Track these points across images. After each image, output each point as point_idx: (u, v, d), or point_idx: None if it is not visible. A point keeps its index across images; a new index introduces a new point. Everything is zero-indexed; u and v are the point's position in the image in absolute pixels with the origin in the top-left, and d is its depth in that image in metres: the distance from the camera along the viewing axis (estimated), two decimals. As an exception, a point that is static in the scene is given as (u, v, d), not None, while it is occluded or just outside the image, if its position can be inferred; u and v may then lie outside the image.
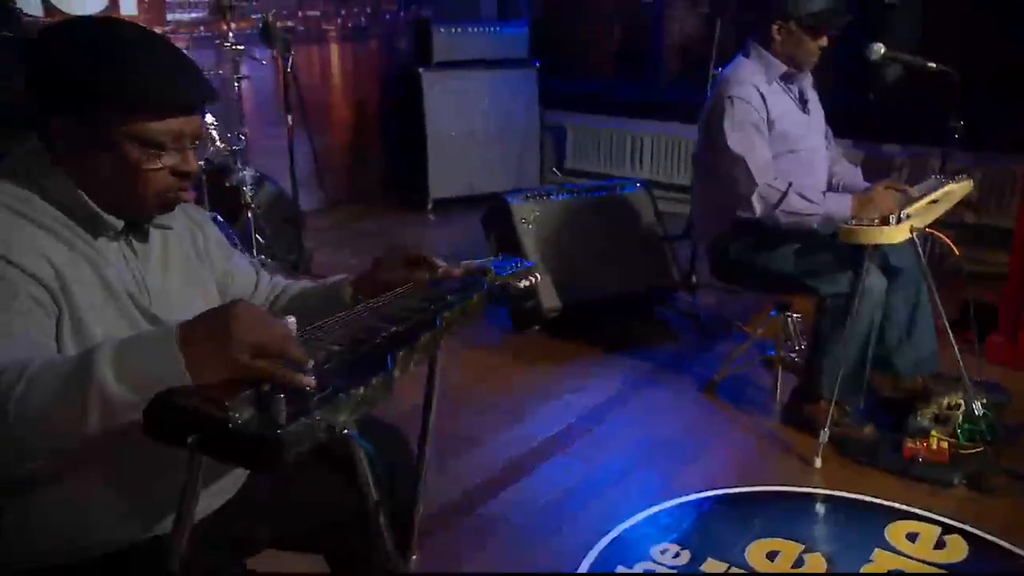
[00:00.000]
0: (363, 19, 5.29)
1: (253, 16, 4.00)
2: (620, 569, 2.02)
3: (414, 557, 1.50)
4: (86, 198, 1.11)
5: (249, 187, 3.21)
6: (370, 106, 5.43)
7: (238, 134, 3.24)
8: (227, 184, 3.15)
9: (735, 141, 2.44)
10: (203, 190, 3.02)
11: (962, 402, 2.43)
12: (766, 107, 2.49)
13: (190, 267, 1.28)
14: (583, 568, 2.02)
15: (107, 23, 1.17)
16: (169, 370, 0.90)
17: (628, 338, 3.30)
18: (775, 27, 2.48)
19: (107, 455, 1.10)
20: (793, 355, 2.79)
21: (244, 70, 3.46)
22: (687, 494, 2.32)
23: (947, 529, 2.13)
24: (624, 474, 2.46)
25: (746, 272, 2.61)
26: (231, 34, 3.37)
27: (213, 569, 1.21)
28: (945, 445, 2.36)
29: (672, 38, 5.45)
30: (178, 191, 1.16)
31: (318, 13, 5.03)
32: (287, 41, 3.49)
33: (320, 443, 0.92)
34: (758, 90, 2.49)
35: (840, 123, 2.93)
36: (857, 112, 4.09)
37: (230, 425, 0.86)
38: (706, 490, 2.34)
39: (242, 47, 3.35)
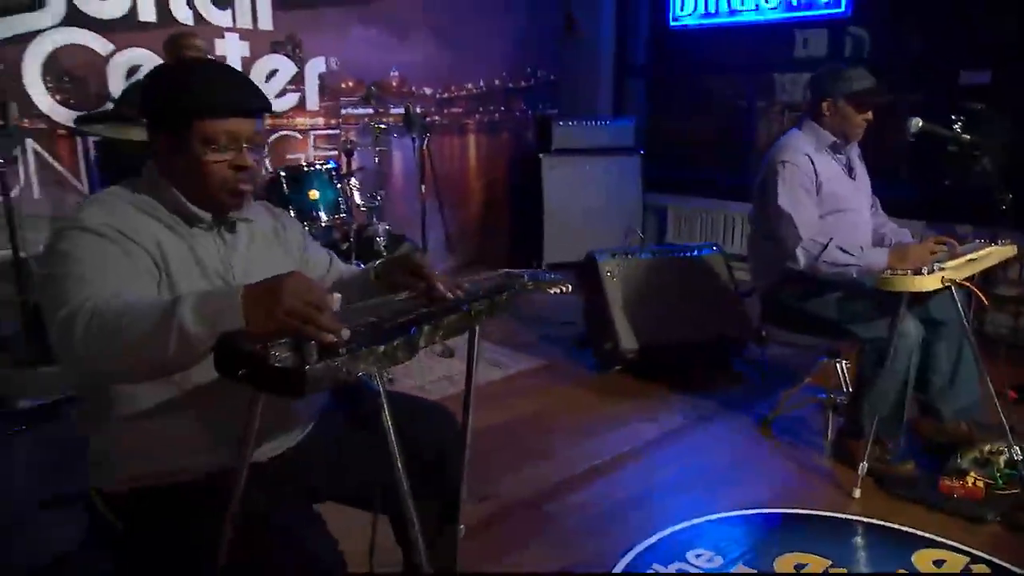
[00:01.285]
0: (497, 115, 5.57)
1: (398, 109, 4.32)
2: (655, 567, 1.97)
3: (460, 527, 1.52)
4: (180, 196, 1.29)
5: (382, 238, 3.43)
6: (498, 185, 5.67)
7: (375, 195, 3.48)
8: (364, 236, 3.39)
9: (785, 200, 2.41)
10: (346, 243, 3.28)
11: (1004, 449, 2.24)
12: (815, 171, 2.45)
13: (271, 252, 1.42)
14: (620, 566, 1.99)
15: (190, 60, 1.35)
16: (230, 316, 1.02)
17: (697, 380, 3.23)
18: (824, 104, 2.48)
19: (189, 393, 1.23)
20: (842, 398, 2.65)
21: (391, 148, 3.73)
22: (730, 511, 2.24)
23: (975, 559, 1.95)
24: (674, 491, 2.40)
25: (794, 318, 2.54)
26: (381, 121, 3.66)
27: (280, 502, 1.28)
28: (981, 484, 2.16)
29: (761, 132, 5.41)
30: (237, 182, 1.30)
31: (460, 110, 5.34)
32: (424, 126, 3.74)
33: (340, 383, 1.02)
34: (808, 157, 2.46)
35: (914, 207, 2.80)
36: (931, 196, 3.93)
37: (269, 361, 0.97)
38: (747, 509, 2.25)
39: (384, 125, 3.63)
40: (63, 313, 1.07)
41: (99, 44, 3.66)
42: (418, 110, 3.77)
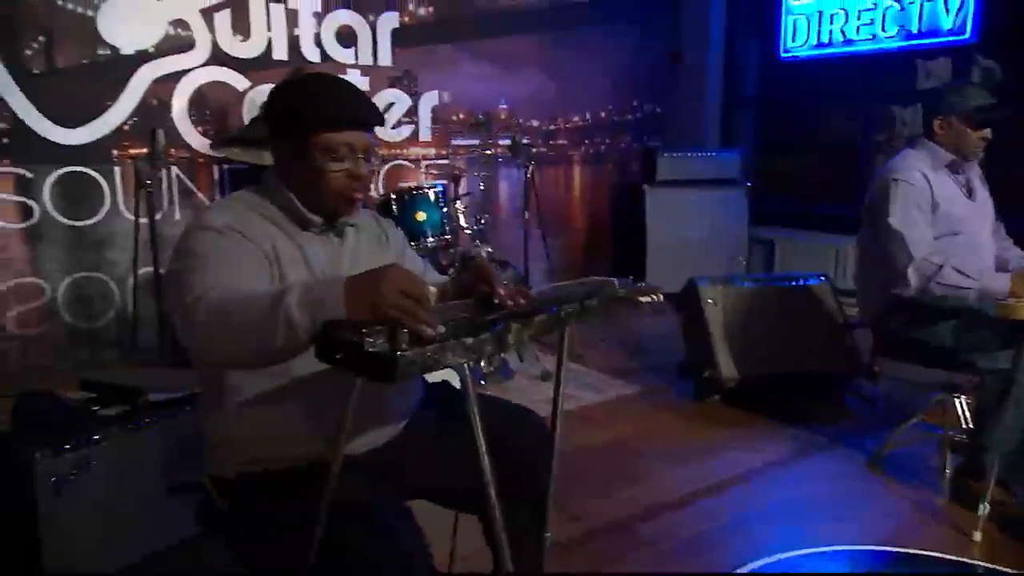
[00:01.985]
0: (602, 147, 5.61)
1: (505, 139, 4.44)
2: (750, 594, 1.89)
3: (548, 535, 1.53)
4: (296, 201, 1.39)
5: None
6: (601, 216, 5.69)
7: (480, 219, 3.58)
8: (467, 258, 3.49)
9: (896, 219, 2.30)
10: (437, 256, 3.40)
11: None
12: (930, 190, 2.33)
13: (374, 256, 1.49)
14: (717, 589, 1.92)
15: (312, 75, 1.45)
16: (332, 305, 1.08)
17: (799, 412, 3.09)
18: (937, 122, 2.37)
19: (292, 385, 1.31)
20: (960, 435, 2.47)
21: (498, 177, 3.83)
22: (833, 546, 2.12)
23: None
24: (775, 521, 2.30)
25: (906, 347, 2.40)
26: (488, 149, 3.79)
27: (373, 495, 1.32)
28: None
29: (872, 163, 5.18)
30: (351, 191, 1.38)
31: (566, 142, 5.43)
32: (530, 155, 3.82)
33: (429, 371, 1.06)
34: (923, 175, 2.35)
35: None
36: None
37: (364, 347, 1.03)
38: (855, 545, 2.13)
39: (490, 152, 3.75)
40: (186, 301, 1.17)
41: (237, 81, 3.99)
42: (524, 141, 3.86)
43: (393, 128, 4.55)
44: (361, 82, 4.39)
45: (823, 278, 3.41)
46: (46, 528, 1.80)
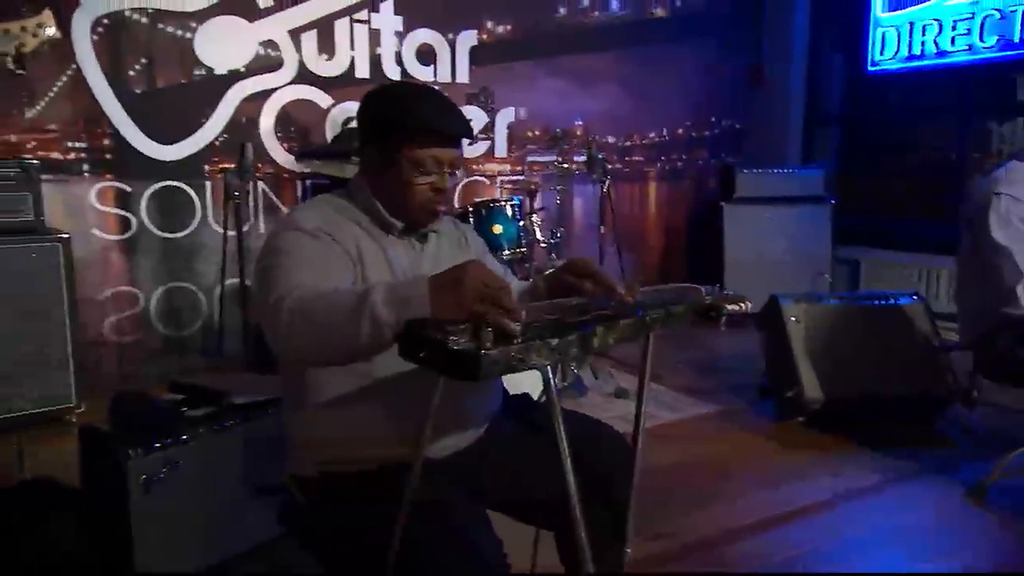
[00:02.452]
0: (679, 163, 5.53)
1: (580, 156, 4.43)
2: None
3: (627, 551, 1.49)
4: (379, 206, 1.41)
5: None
6: (678, 233, 5.60)
7: (556, 232, 3.57)
8: (543, 271, 3.47)
9: (1001, 234, 2.17)
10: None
11: None
12: (1036, 204, 2.19)
13: (454, 259, 1.46)
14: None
15: (405, 84, 1.47)
16: (416, 303, 1.08)
17: (889, 437, 2.93)
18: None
19: (374, 385, 1.32)
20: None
21: (573, 194, 3.82)
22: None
23: None
24: (863, 550, 2.18)
25: (1015, 370, 2.25)
26: (564, 163, 3.79)
27: (452, 499, 1.31)
28: None
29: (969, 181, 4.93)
30: (434, 204, 1.40)
31: (642, 158, 5.37)
32: (606, 169, 3.80)
33: (514, 370, 1.04)
34: (1029, 188, 2.21)
35: None
36: None
37: (448, 345, 1.02)
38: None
39: (567, 165, 3.74)
40: (272, 299, 1.19)
41: (321, 98, 4.11)
42: (600, 155, 3.84)
43: (470, 144, 4.60)
44: (439, 99, 4.45)
45: (916, 297, 3.24)
46: (136, 525, 1.86)
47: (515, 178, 4.74)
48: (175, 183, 3.81)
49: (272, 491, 2.01)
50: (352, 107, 4.17)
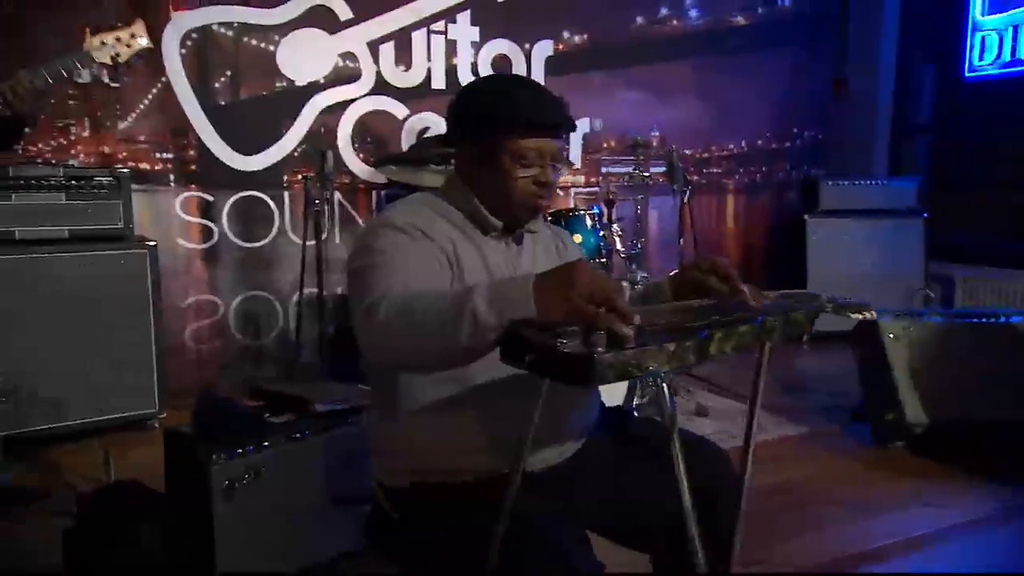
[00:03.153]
0: (758, 176, 5.36)
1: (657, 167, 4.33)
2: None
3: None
4: (478, 203, 1.36)
5: (640, 287, 3.41)
6: (757, 247, 5.42)
7: (636, 243, 3.48)
8: (624, 281, 3.40)
9: None
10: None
11: None
12: None
13: (551, 264, 1.41)
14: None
15: (502, 75, 1.42)
16: (520, 303, 1.01)
17: (1008, 467, 2.71)
18: None
19: (469, 392, 1.26)
20: None
21: (649, 206, 3.73)
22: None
23: None
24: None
25: None
26: (640, 172, 3.72)
27: (550, 516, 1.24)
28: None
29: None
30: (537, 198, 1.34)
31: (720, 170, 5.23)
32: (685, 179, 3.69)
33: (628, 376, 0.97)
34: None
35: None
36: None
37: (558, 348, 0.95)
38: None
39: (647, 174, 3.66)
40: (368, 301, 1.14)
41: (398, 109, 4.14)
42: (680, 165, 3.73)
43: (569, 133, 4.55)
44: (514, 110, 4.43)
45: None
46: (219, 529, 1.85)
47: (589, 190, 4.67)
48: (255, 193, 3.89)
49: (353, 501, 1.99)
50: (428, 118, 4.19)
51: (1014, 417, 2.79)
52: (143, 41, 2.23)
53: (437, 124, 4.19)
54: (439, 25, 4.19)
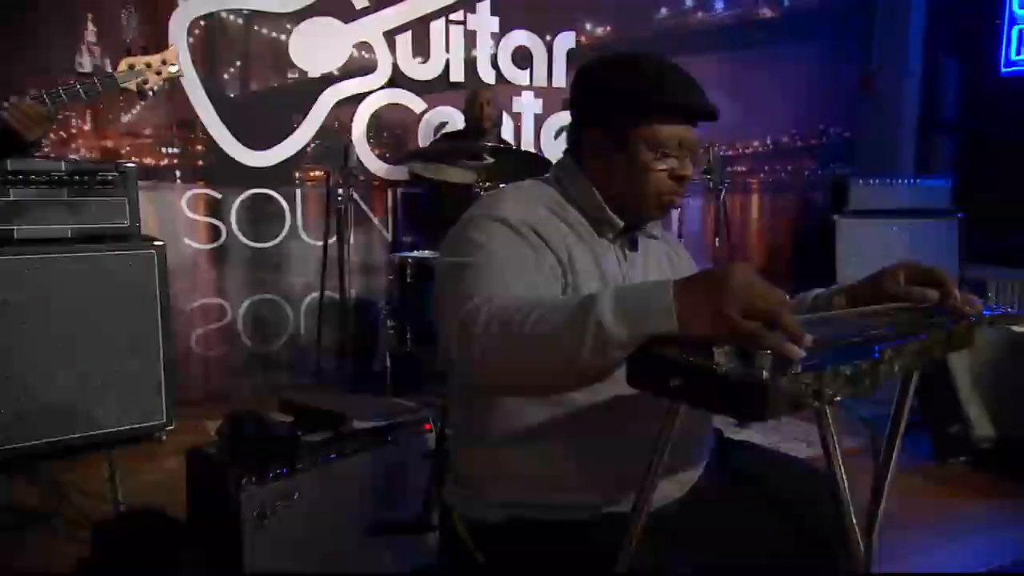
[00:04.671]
0: (783, 174, 5.22)
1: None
2: None
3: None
4: (600, 199, 1.18)
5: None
6: (783, 246, 5.28)
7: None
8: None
9: None
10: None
11: None
12: None
13: (664, 275, 1.28)
14: None
15: (630, 53, 1.24)
16: (660, 315, 0.84)
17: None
18: None
19: (575, 417, 1.09)
20: None
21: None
22: None
23: None
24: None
25: None
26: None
27: (671, 562, 1.08)
28: None
29: None
30: (672, 194, 1.17)
31: (746, 168, 5.08)
32: (722, 176, 3.54)
33: (803, 406, 0.80)
34: None
35: None
36: None
37: (715, 370, 0.78)
38: None
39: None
40: (466, 307, 0.95)
41: (415, 103, 3.97)
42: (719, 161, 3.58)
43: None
44: (534, 104, 4.28)
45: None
46: (249, 562, 1.68)
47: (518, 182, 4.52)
48: (265, 190, 3.71)
49: (398, 530, 1.81)
50: (446, 112, 4.02)
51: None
52: (173, 68, 2.10)
53: (455, 118, 4.02)
54: (458, 15, 4.02)
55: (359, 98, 3.85)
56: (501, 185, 2.74)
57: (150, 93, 2.06)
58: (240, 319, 3.71)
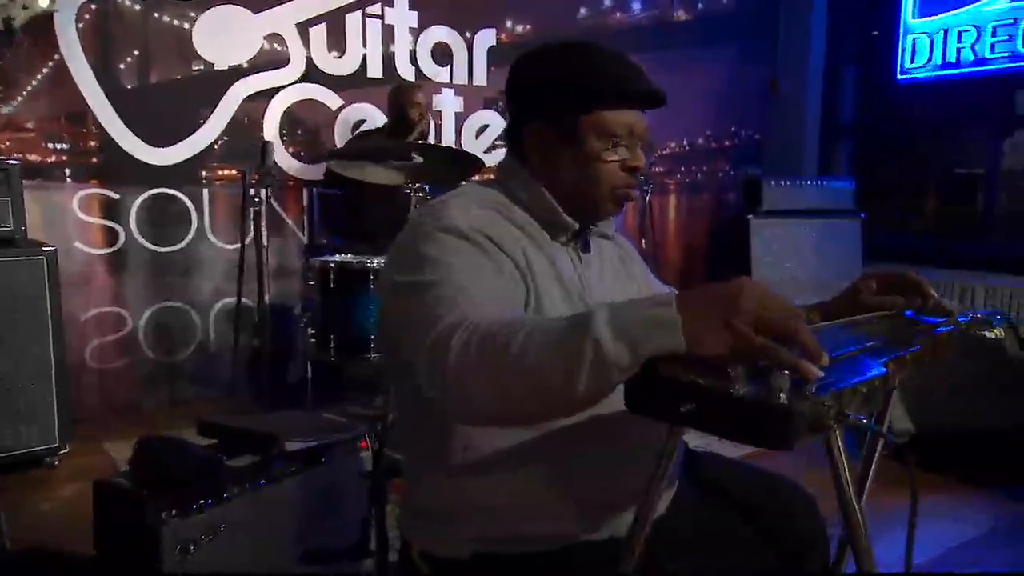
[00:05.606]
0: (698, 175, 5.33)
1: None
2: None
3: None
4: (551, 200, 1.11)
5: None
6: (697, 247, 5.40)
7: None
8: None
9: None
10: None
11: None
12: None
13: (618, 278, 1.24)
14: None
15: (570, 40, 1.18)
16: (664, 332, 0.76)
17: (1003, 477, 2.69)
18: None
19: (546, 440, 1.03)
20: None
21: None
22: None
23: None
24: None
25: None
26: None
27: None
28: None
29: (1006, 198, 4.83)
30: (626, 186, 1.12)
31: (662, 169, 5.15)
32: (648, 176, 3.55)
33: (823, 428, 0.76)
34: None
35: None
36: None
37: (732, 393, 0.73)
38: None
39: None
40: (436, 333, 0.86)
41: (331, 99, 3.81)
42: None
43: (487, 152, 4.32)
44: (455, 103, 4.19)
45: (1000, 317, 3.04)
46: (171, 605, 1.53)
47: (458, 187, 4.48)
48: (169, 191, 3.46)
49: (335, 557, 1.70)
50: (364, 109, 3.88)
51: (998, 424, 2.78)
52: (43, 3, 1.87)
53: (374, 116, 3.89)
54: (375, 8, 3.88)
55: (271, 93, 3.65)
56: (426, 187, 2.63)
57: (17, 31, 1.80)
58: (142, 329, 3.44)
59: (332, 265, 2.81)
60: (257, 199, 2.69)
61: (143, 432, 1.80)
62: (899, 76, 5.02)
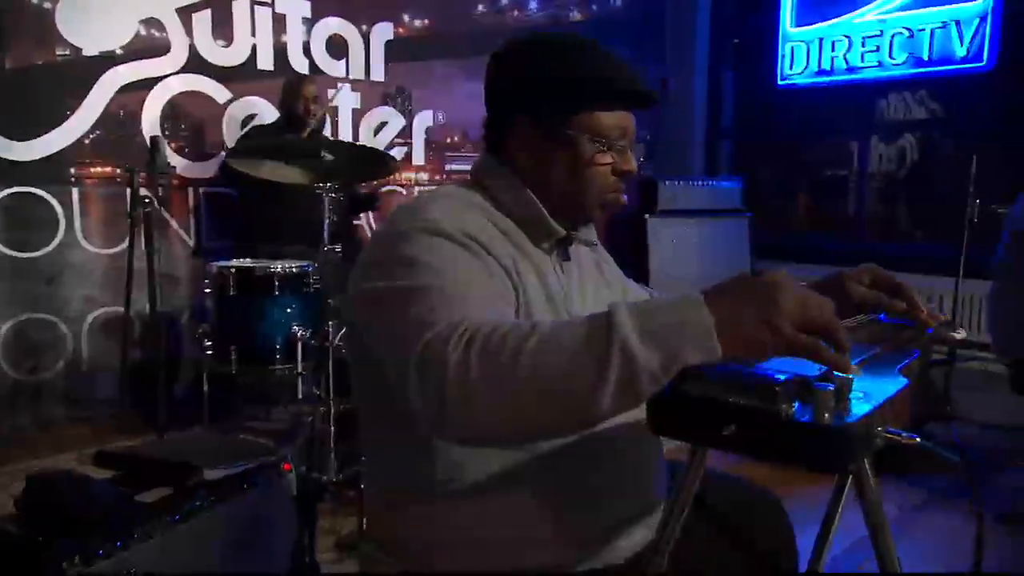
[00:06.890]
0: (595, 175, 5.40)
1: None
2: None
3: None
4: (538, 203, 1.05)
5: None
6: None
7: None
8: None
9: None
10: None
11: None
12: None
13: (598, 286, 1.19)
14: None
15: (554, 33, 1.12)
16: (698, 335, 0.69)
17: (895, 463, 2.86)
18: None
19: (538, 462, 0.97)
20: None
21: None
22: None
23: None
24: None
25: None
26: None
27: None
28: None
29: (871, 198, 5.23)
30: (616, 192, 1.08)
31: (560, 169, 5.18)
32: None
33: (871, 448, 0.73)
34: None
35: None
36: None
37: (782, 415, 0.69)
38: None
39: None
40: (427, 340, 0.76)
41: (217, 92, 3.55)
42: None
43: (387, 150, 4.18)
44: (352, 98, 4.03)
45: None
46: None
47: (432, 188, 4.39)
48: (31, 189, 3.11)
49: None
50: (254, 103, 3.65)
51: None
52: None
53: (265, 110, 3.67)
54: (265, -5, 3.66)
55: (150, 83, 3.36)
56: (327, 185, 2.48)
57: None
58: None
59: (232, 270, 2.61)
60: (147, 199, 2.45)
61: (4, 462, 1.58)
62: (779, 81, 5.30)
